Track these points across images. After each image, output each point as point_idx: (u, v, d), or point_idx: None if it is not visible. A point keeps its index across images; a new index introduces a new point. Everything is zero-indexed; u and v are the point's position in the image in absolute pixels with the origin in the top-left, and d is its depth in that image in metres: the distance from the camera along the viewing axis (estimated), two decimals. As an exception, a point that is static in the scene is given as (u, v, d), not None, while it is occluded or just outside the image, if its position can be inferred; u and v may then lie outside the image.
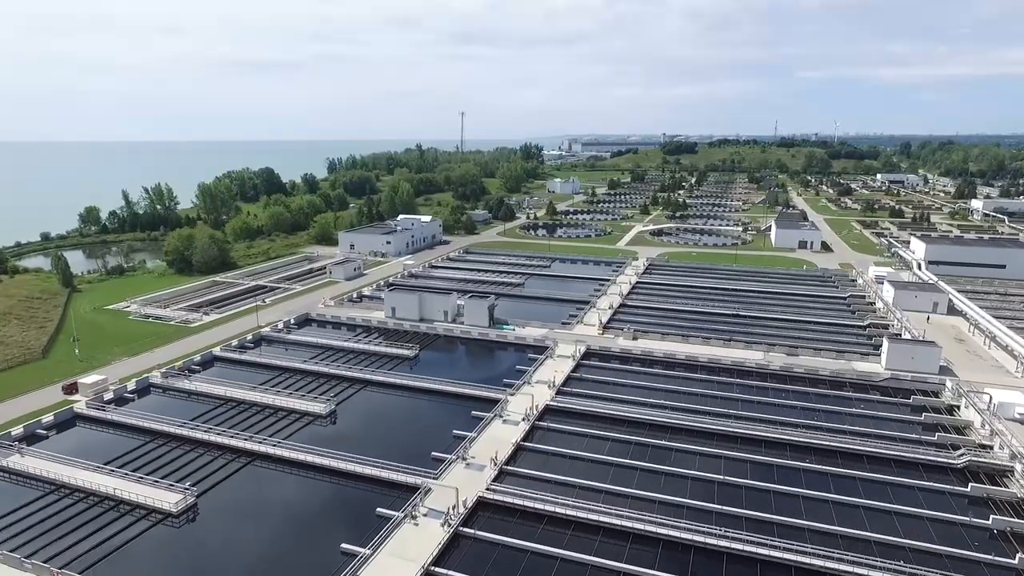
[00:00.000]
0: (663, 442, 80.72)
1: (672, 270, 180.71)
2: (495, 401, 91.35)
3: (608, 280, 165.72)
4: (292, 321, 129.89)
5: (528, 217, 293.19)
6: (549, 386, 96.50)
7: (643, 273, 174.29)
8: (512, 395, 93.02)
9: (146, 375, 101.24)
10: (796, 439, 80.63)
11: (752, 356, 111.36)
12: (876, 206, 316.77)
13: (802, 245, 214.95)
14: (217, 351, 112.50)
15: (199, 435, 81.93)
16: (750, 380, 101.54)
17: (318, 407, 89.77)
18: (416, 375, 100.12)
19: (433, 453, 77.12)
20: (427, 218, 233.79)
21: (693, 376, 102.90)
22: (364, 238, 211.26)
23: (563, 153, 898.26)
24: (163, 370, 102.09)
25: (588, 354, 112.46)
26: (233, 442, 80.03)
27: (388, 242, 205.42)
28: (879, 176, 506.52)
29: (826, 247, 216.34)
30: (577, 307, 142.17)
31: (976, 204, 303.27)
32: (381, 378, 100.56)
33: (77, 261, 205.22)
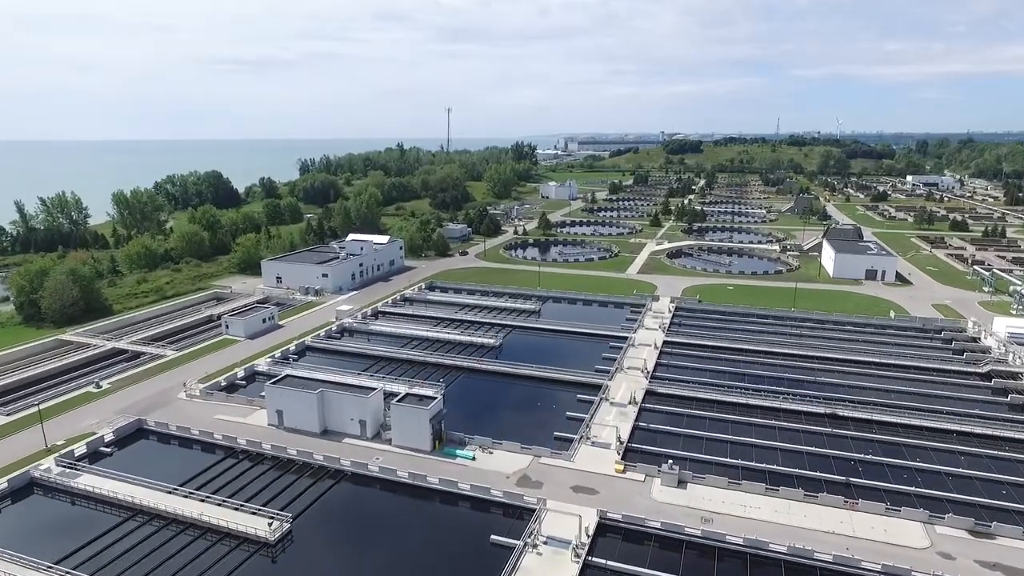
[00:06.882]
0: None
1: (708, 320, 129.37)
2: None
3: (623, 340, 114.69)
4: (110, 437, 78.58)
5: (516, 231, 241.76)
6: (525, 661, 45.65)
7: (670, 326, 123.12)
8: None
9: None
10: None
11: (904, 534, 60.58)
12: (927, 215, 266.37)
13: (870, 275, 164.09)
14: (-86, 530, 61.05)
15: None
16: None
17: None
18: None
19: None
20: (383, 239, 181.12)
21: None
22: (295, 268, 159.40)
23: (559, 152, 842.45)
24: None
25: (603, 528, 61.63)
26: None
27: (325, 274, 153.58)
28: (909, 178, 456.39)
29: (902, 279, 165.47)
30: (579, 396, 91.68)
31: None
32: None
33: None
